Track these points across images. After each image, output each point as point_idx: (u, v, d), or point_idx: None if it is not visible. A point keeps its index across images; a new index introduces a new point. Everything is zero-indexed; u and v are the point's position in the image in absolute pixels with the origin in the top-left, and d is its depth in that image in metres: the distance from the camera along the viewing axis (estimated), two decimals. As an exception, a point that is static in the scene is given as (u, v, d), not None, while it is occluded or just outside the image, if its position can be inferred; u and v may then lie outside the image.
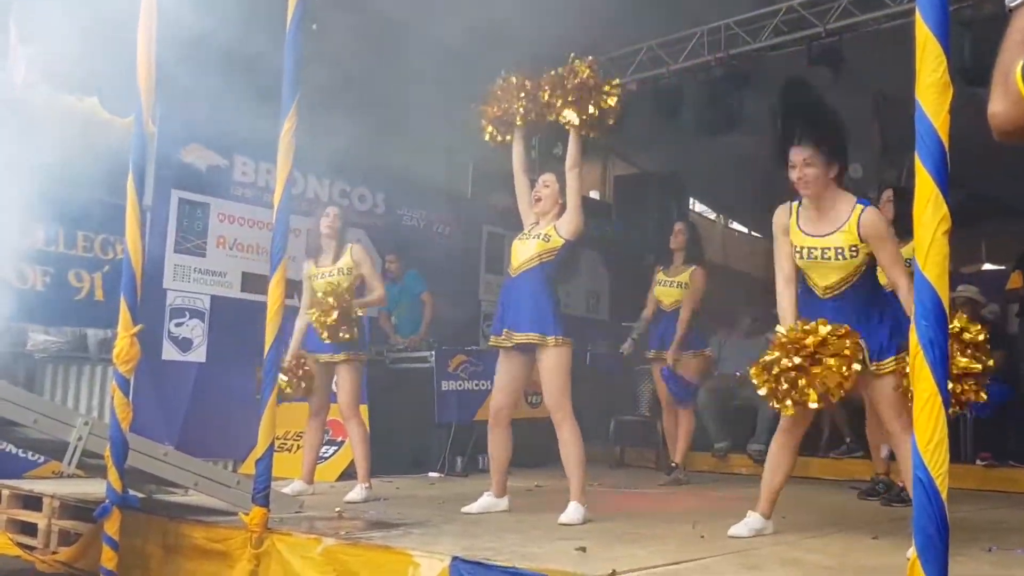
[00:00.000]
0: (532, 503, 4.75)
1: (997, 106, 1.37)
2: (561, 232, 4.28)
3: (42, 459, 5.40)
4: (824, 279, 3.43)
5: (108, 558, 3.41)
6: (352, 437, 5.09)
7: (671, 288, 6.29)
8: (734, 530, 3.59)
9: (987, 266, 9.85)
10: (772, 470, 3.64)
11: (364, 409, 5.53)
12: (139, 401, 3.61)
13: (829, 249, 3.36)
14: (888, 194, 4.97)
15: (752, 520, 3.63)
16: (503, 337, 4.27)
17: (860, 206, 3.36)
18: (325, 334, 4.84)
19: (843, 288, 3.40)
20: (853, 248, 3.34)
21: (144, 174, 3.54)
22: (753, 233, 12.86)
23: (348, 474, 5.65)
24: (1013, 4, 1.45)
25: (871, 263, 3.41)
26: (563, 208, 4.33)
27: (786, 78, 3.96)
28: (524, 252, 4.31)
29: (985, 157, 3.60)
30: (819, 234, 3.40)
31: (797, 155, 3.39)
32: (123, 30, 3.54)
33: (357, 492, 4.85)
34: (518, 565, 2.84)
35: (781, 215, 3.52)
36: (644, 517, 4.36)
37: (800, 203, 3.48)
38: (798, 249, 3.44)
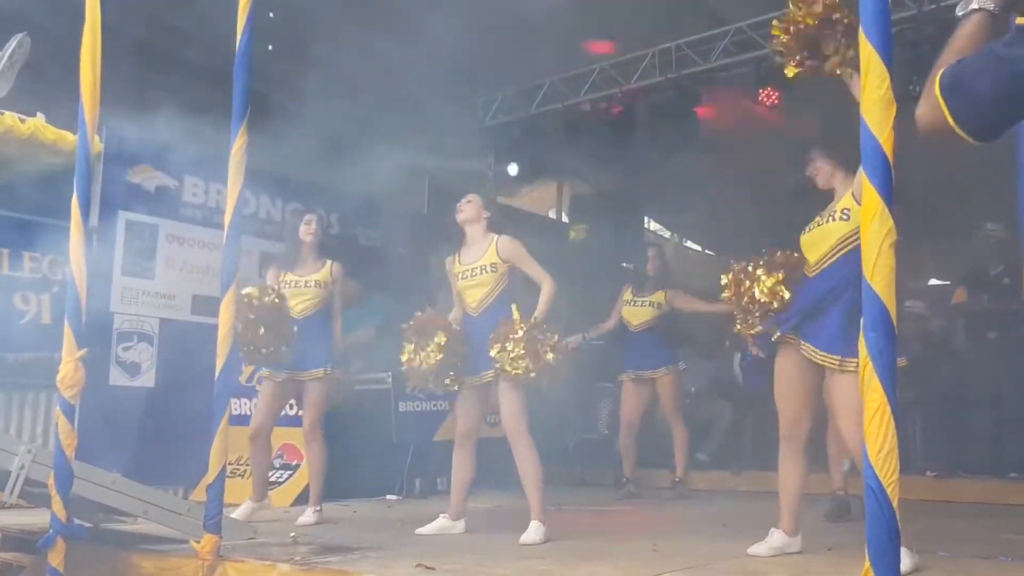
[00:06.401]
0: (493, 523, 4.71)
1: (921, 107, 1.48)
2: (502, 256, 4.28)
3: (-18, 490, 5.22)
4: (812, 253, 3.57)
5: (52, 590, 3.29)
6: (313, 458, 5.01)
7: (642, 307, 6.29)
8: (753, 549, 3.51)
9: (933, 281, 10.08)
10: (780, 483, 3.61)
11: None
12: (85, 427, 3.50)
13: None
14: None
15: (773, 538, 3.55)
16: (475, 379, 4.27)
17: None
18: (243, 351, 4.52)
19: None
20: (845, 212, 3.47)
21: (89, 195, 3.46)
22: (707, 251, 12.97)
23: (303, 499, 5.55)
24: (961, 13, 1.52)
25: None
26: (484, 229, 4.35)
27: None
28: (479, 290, 4.29)
29: (930, 174, 3.69)
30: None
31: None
32: (68, 45, 3.46)
33: (309, 515, 4.77)
34: (477, 586, 2.81)
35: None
36: (604, 535, 4.35)
37: None
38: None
